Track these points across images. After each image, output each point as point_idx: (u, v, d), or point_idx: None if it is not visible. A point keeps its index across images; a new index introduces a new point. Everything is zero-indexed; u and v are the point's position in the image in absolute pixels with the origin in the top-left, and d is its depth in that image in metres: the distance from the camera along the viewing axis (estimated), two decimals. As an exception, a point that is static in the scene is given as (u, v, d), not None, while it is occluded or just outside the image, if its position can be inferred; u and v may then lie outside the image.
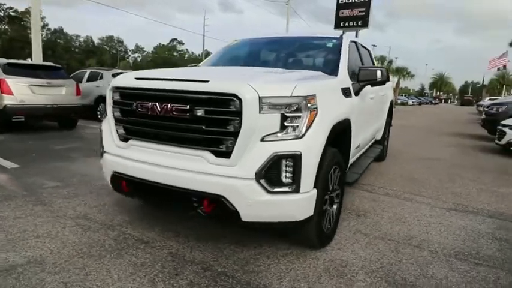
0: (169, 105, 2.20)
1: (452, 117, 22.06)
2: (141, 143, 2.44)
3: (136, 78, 2.44)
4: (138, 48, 75.74)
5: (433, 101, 63.43)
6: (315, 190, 2.25)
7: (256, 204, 2.10)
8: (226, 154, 2.13)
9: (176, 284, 2.15)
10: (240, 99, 2.04)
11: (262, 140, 2.09)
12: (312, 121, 2.20)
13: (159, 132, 2.33)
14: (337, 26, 31.28)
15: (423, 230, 3.17)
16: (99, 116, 10.10)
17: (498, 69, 38.51)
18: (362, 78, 3.14)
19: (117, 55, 68.88)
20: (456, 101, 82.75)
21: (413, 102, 47.74)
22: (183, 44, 74.35)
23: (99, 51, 66.80)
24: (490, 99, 27.09)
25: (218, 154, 2.16)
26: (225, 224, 2.87)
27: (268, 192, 2.08)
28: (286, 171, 2.10)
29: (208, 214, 2.23)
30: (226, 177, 2.11)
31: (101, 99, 9.81)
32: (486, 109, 10.90)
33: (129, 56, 74.84)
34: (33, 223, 2.93)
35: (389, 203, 3.86)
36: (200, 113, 2.13)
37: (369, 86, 3.43)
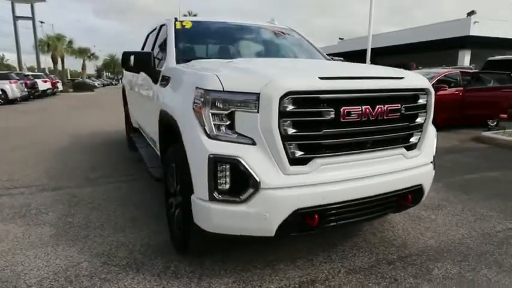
0: (383, 106, 1.99)
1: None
2: (335, 158, 1.97)
3: (322, 78, 1.87)
4: None
5: (113, 82, 65.82)
6: None
7: (431, 181, 2.45)
8: (413, 146, 2.28)
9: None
10: (428, 93, 2.25)
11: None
12: None
13: (365, 139, 2.03)
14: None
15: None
16: None
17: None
18: None
19: None
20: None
21: (98, 84, 46.44)
22: None
23: None
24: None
25: (408, 148, 2.25)
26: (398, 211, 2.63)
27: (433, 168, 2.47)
28: None
29: (404, 207, 2.30)
30: (420, 167, 2.29)
31: None
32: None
33: None
34: None
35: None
36: (404, 110, 2.12)
37: None
